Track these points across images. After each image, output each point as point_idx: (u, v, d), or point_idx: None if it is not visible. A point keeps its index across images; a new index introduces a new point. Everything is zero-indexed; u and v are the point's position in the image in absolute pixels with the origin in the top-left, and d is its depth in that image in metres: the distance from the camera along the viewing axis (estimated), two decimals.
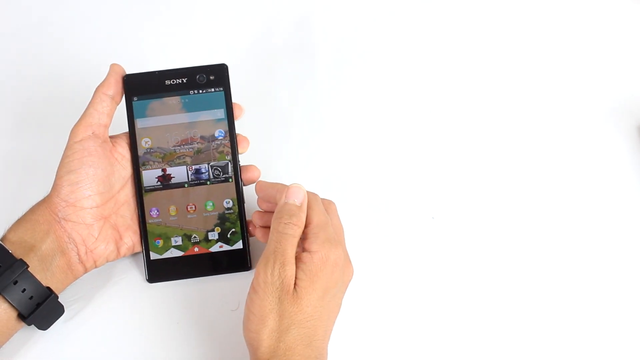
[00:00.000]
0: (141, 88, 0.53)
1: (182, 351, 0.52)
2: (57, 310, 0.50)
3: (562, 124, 0.63)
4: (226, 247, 0.54)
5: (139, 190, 0.53)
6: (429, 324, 0.54)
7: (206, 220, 0.54)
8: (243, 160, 0.55)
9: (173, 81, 0.53)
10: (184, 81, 0.54)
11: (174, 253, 0.54)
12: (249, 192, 0.55)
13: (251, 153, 0.56)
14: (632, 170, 0.61)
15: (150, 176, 0.53)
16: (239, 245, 0.54)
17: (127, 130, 0.54)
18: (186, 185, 0.54)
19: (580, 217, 0.58)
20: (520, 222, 0.58)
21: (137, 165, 0.53)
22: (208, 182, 0.54)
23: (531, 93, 0.65)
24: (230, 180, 0.54)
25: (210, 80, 0.54)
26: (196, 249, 0.54)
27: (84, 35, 0.66)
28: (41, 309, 0.48)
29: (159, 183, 0.54)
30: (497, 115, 0.64)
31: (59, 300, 0.50)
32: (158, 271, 0.54)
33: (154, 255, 0.53)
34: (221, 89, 0.54)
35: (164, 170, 0.54)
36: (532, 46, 0.67)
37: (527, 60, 0.66)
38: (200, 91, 0.54)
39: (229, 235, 0.54)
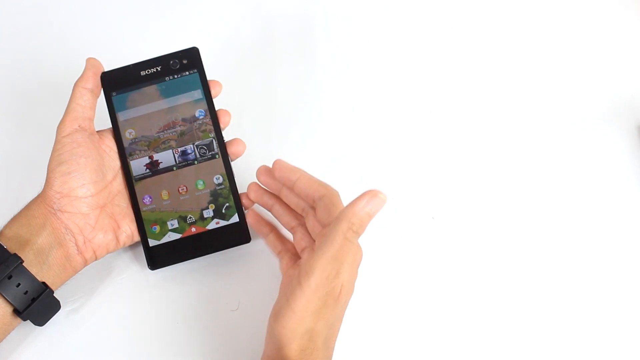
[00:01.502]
0: (119, 82, 0.54)
1: (182, 351, 0.51)
2: (52, 306, 0.49)
3: (561, 124, 0.62)
4: (223, 223, 0.53)
5: (129, 180, 0.53)
6: (429, 324, 0.53)
7: (199, 199, 0.53)
8: (242, 159, 0.55)
9: (148, 71, 0.55)
10: (159, 69, 0.55)
11: (172, 237, 0.53)
12: (237, 166, 0.55)
13: (251, 152, 0.56)
14: (632, 170, 0.59)
15: (138, 165, 0.54)
16: (235, 219, 0.53)
17: (110, 126, 0.54)
18: (175, 169, 0.54)
19: (580, 217, 0.57)
20: (520, 222, 0.57)
21: (124, 156, 0.53)
22: (196, 162, 0.54)
23: (531, 93, 0.63)
24: (217, 156, 0.54)
25: (183, 64, 0.55)
26: (193, 229, 0.53)
27: (84, 35, 0.66)
28: (36, 304, 0.47)
29: (147, 170, 0.54)
30: (496, 115, 0.62)
31: (58, 296, 0.49)
32: (158, 257, 0.52)
33: (152, 242, 0.52)
34: (195, 70, 0.55)
35: (151, 157, 0.54)
36: (531, 46, 0.66)
37: (526, 60, 0.65)
38: (176, 76, 0.55)
39: (223, 211, 0.53)
